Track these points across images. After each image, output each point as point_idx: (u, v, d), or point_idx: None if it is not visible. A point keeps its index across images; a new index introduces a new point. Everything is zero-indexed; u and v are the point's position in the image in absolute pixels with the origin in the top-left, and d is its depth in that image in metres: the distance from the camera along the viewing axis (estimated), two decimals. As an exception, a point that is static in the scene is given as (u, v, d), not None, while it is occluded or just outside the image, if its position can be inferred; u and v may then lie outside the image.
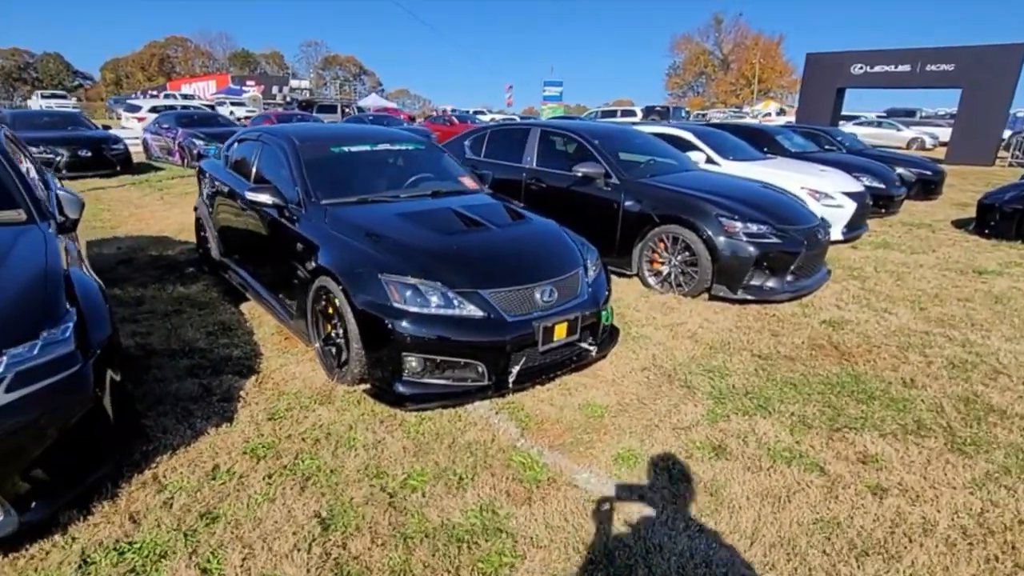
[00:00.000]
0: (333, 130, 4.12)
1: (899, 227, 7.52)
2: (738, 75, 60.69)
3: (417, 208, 3.38)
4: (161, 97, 30.67)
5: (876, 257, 5.90)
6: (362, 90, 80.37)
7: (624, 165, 5.15)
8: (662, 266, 4.64)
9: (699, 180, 5.08)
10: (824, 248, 4.69)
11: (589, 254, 3.45)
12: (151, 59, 76.06)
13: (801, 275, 4.48)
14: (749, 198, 4.66)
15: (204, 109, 15.67)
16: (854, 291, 4.77)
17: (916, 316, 4.21)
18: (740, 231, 4.24)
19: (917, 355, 3.51)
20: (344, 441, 2.52)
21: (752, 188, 5.09)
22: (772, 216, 4.41)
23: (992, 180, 12.70)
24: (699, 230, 4.35)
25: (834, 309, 4.32)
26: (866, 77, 17.64)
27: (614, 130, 5.99)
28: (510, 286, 2.82)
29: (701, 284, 4.40)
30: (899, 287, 4.90)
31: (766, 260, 4.24)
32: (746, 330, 3.88)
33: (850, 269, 5.42)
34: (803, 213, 4.71)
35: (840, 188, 6.32)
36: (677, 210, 4.51)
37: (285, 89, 45.48)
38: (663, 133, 7.43)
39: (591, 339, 3.20)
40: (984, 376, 3.23)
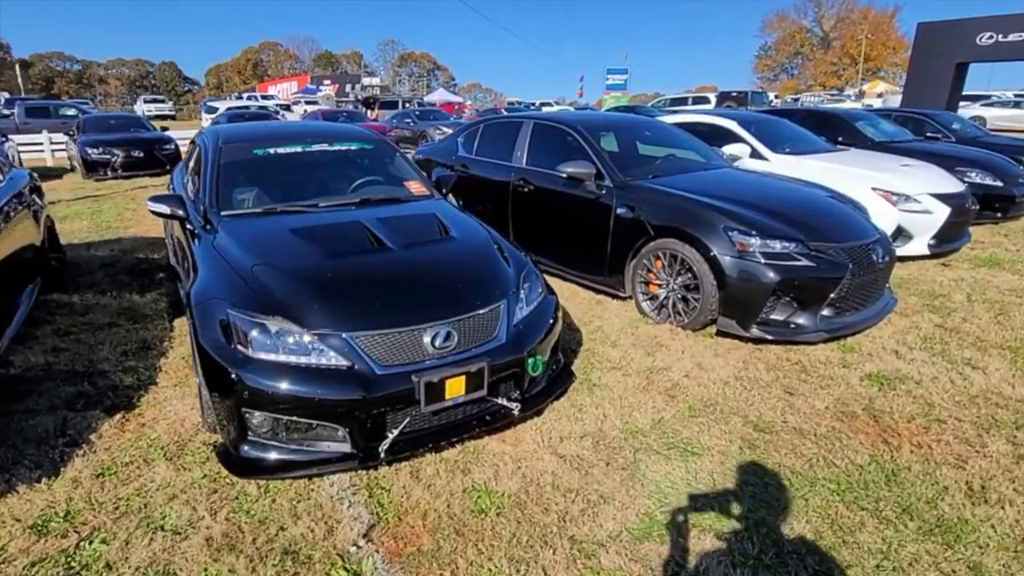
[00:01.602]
0: (265, 129, 3.67)
1: (1019, 236, 5.87)
2: (841, 53, 54.67)
3: (318, 222, 2.78)
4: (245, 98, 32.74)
5: (974, 280, 4.51)
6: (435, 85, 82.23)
7: (624, 163, 4.24)
8: (659, 289, 3.72)
9: (716, 182, 4.06)
10: (884, 272, 3.52)
11: (530, 281, 2.68)
12: (246, 63, 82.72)
13: (846, 308, 3.37)
14: (778, 206, 3.60)
15: (261, 109, 16.18)
16: (927, 330, 3.56)
17: (1016, 374, 2.99)
18: (756, 249, 3.24)
19: (1003, 442, 2.39)
20: (153, 519, 2.00)
21: (788, 192, 3.99)
22: (806, 230, 3.34)
23: None
24: (702, 246, 3.39)
25: (889, 357, 3.20)
26: (996, 48, 14.65)
27: (620, 121, 5.05)
28: (388, 328, 2.14)
29: (704, 315, 3.45)
30: (999, 326, 3.61)
31: (792, 288, 3.21)
32: (750, 384, 2.91)
33: (931, 297, 4.13)
34: (854, 226, 3.56)
35: (927, 188, 4.93)
36: (676, 220, 3.57)
37: (357, 87, 47.23)
38: (704, 123, 6.34)
39: (515, 393, 2.46)
40: (1113, 489, 2.09)
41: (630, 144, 4.70)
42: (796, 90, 50.12)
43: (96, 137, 10.25)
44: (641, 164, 4.38)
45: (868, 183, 4.96)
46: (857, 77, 47.35)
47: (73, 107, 16.51)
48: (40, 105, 16.12)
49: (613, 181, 3.97)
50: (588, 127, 4.41)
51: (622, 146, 4.62)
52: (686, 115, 6.76)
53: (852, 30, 52.63)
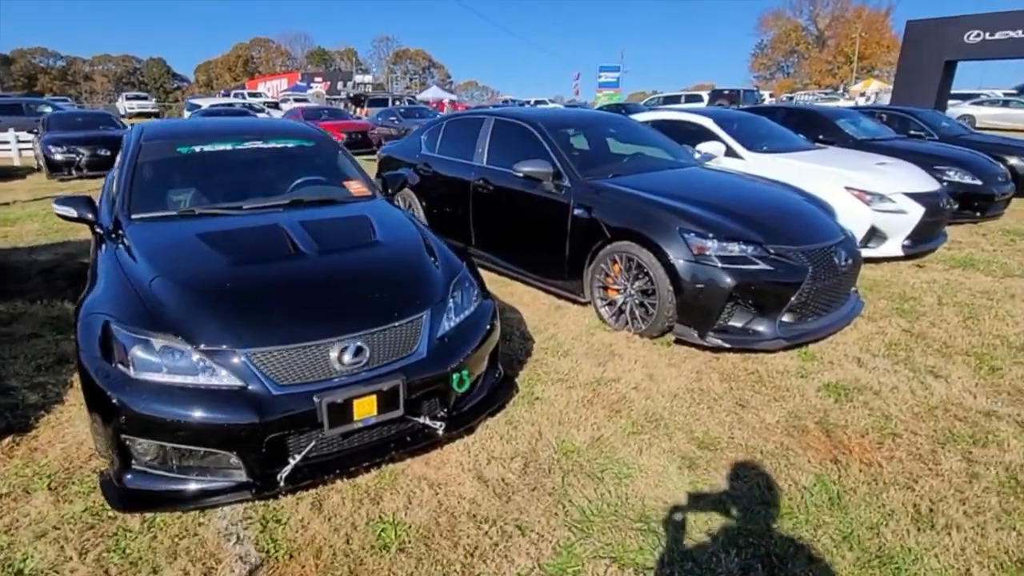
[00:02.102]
0: (193, 125, 3.49)
1: (997, 236, 5.75)
2: (836, 52, 54.71)
3: (232, 227, 2.61)
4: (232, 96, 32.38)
5: (947, 282, 4.37)
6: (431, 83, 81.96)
7: (585, 161, 4.09)
8: (617, 295, 3.57)
9: (679, 181, 3.91)
10: (848, 276, 3.37)
11: (461, 289, 2.53)
12: (237, 60, 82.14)
13: (808, 314, 3.23)
14: (739, 207, 3.46)
15: (245, 107, 15.93)
16: (893, 336, 3.42)
17: (979, 383, 2.85)
18: (713, 252, 3.09)
19: (957, 459, 2.24)
20: (13, 561, 1.82)
21: (752, 192, 3.84)
22: (766, 231, 3.19)
23: None
24: (657, 249, 3.24)
25: (851, 365, 3.05)
26: (984, 46, 14.56)
27: (586, 118, 4.89)
28: (289, 343, 1.98)
29: (661, 322, 3.30)
30: (966, 331, 3.47)
31: (749, 294, 3.06)
32: (700, 396, 2.76)
33: (901, 300, 4.00)
34: (817, 227, 3.41)
35: (901, 188, 4.79)
36: (632, 222, 3.42)
37: (349, 84, 46.84)
38: (681, 120, 6.20)
39: (441, 411, 2.30)
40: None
41: (594, 142, 4.54)
42: (792, 88, 50.13)
43: (60, 135, 10.00)
44: (603, 163, 4.22)
45: (842, 182, 4.82)
46: (851, 76, 47.33)
47: (50, 104, 16.20)
48: (13, 103, 15.79)
49: (571, 181, 3.82)
50: (549, 124, 4.25)
51: (586, 144, 4.46)
52: (663, 112, 6.62)
53: (846, 29, 52.64)
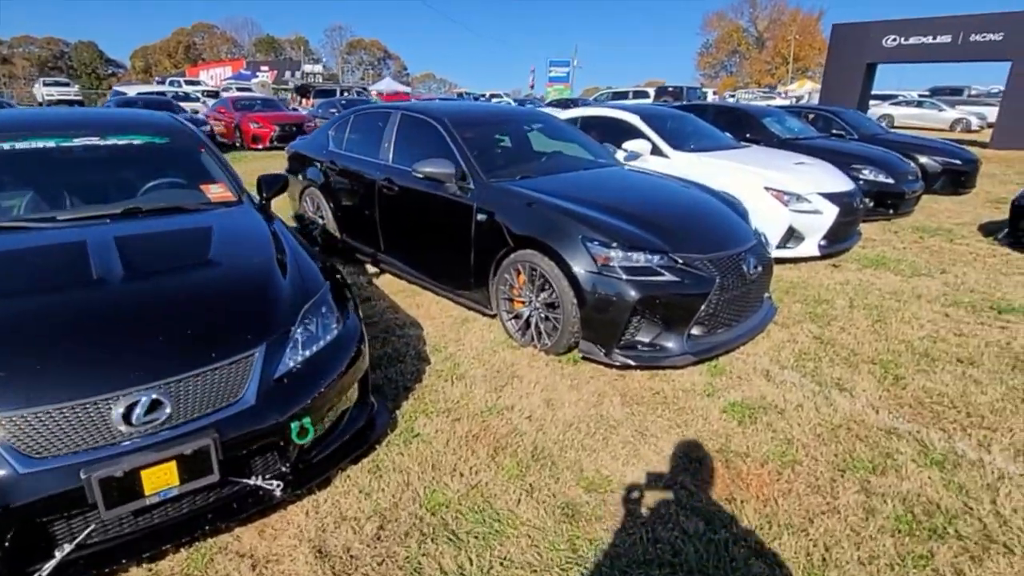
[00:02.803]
0: (12, 117, 2.95)
1: (908, 234, 5.89)
2: (774, 53, 57.13)
3: (24, 245, 2.12)
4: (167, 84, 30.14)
5: (859, 282, 4.37)
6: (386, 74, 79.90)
7: (493, 161, 3.79)
8: (523, 307, 3.29)
9: (591, 183, 3.68)
10: (759, 283, 3.23)
11: (316, 315, 2.16)
12: (177, 46, 77.57)
13: (717, 326, 3.06)
14: (649, 212, 3.25)
15: (182, 95, 14.62)
16: (804, 344, 3.32)
17: (883, 396, 2.76)
18: (616, 263, 2.85)
19: (855, 491, 2.09)
20: None
21: (665, 196, 3.65)
22: (674, 239, 2.99)
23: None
24: (559, 259, 2.98)
25: (759, 380, 2.90)
26: (900, 50, 15.38)
27: (499, 114, 4.60)
28: (54, 402, 1.55)
29: (566, 338, 3.04)
30: (874, 335, 3.42)
31: (655, 307, 2.85)
32: (598, 425, 2.52)
33: (815, 303, 3.93)
34: (727, 233, 3.25)
35: (817, 187, 4.77)
36: (534, 229, 3.14)
37: (298, 74, 44.86)
38: (608, 117, 6.01)
39: (283, 466, 1.94)
40: (965, 548, 1.82)
41: (508, 140, 4.24)
42: (735, 87, 51.86)
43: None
44: (514, 163, 3.92)
45: (762, 182, 4.75)
46: (788, 76, 49.48)
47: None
48: None
49: (475, 182, 3.51)
50: (456, 121, 3.91)
51: (499, 142, 4.16)
52: (593, 109, 6.42)
53: (783, 31, 55.02)
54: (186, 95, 22.39)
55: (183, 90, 24.44)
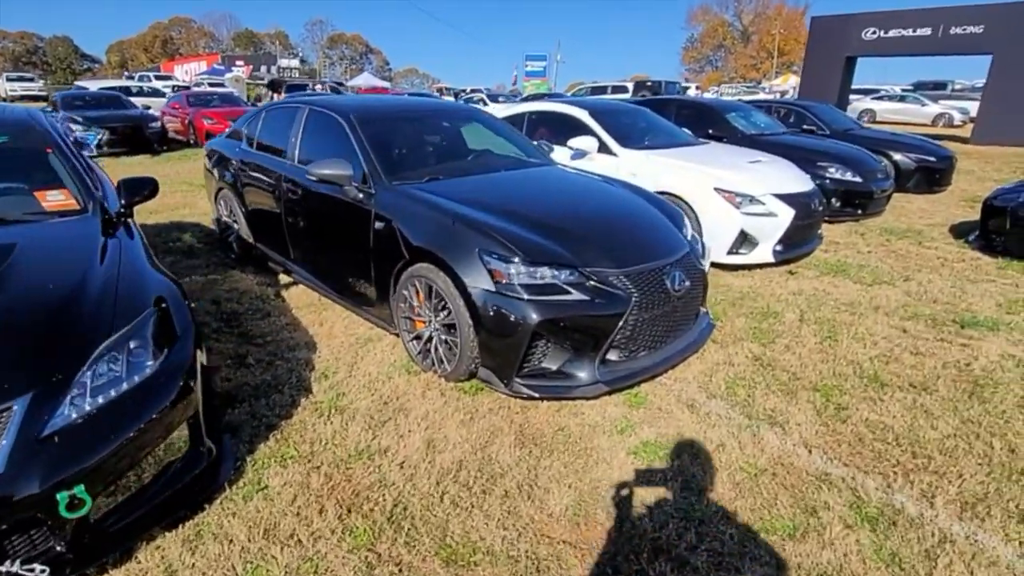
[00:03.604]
0: None
1: (875, 236, 5.56)
2: (759, 48, 56.98)
3: None
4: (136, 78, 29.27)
5: (814, 292, 4.02)
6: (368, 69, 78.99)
7: (403, 162, 3.39)
8: (424, 327, 2.90)
9: (507, 187, 3.28)
10: (688, 300, 2.85)
11: (121, 351, 1.76)
12: (154, 40, 76.39)
13: (639, 348, 2.69)
14: (564, 220, 2.86)
15: (110, 91, 13.91)
16: (741, 366, 2.95)
17: (819, 432, 2.40)
18: (516, 279, 2.47)
19: (762, 560, 1.73)
20: None
21: (587, 200, 3.27)
22: (588, 251, 2.60)
23: (1023, 166, 10.44)
24: (453, 275, 2.59)
25: (681, 413, 2.54)
26: (879, 43, 15.11)
27: (420, 108, 4.16)
28: None
29: (465, 364, 2.66)
30: (820, 355, 3.06)
31: (560, 331, 2.47)
32: (479, 473, 2.14)
33: (762, 317, 3.58)
34: (653, 243, 2.86)
35: (771, 188, 4.41)
36: (429, 239, 2.75)
37: (274, 68, 44.01)
38: (556, 112, 5.63)
39: (56, 544, 1.55)
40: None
41: (425, 138, 3.83)
42: (719, 81, 51.68)
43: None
44: (426, 163, 3.52)
45: (712, 182, 4.39)
46: (772, 71, 49.35)
47: None
48: None
49: (376, 185, 3.11)
50: (364, 116, 3.49)
51: (412, 141, 3.74)
52: (541, 104, 6.02)
53: (768, 25, 54.83)
54: (154, 90, 21.73)
55: (150, 85, 23.72)
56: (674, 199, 4.50)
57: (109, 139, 10.88)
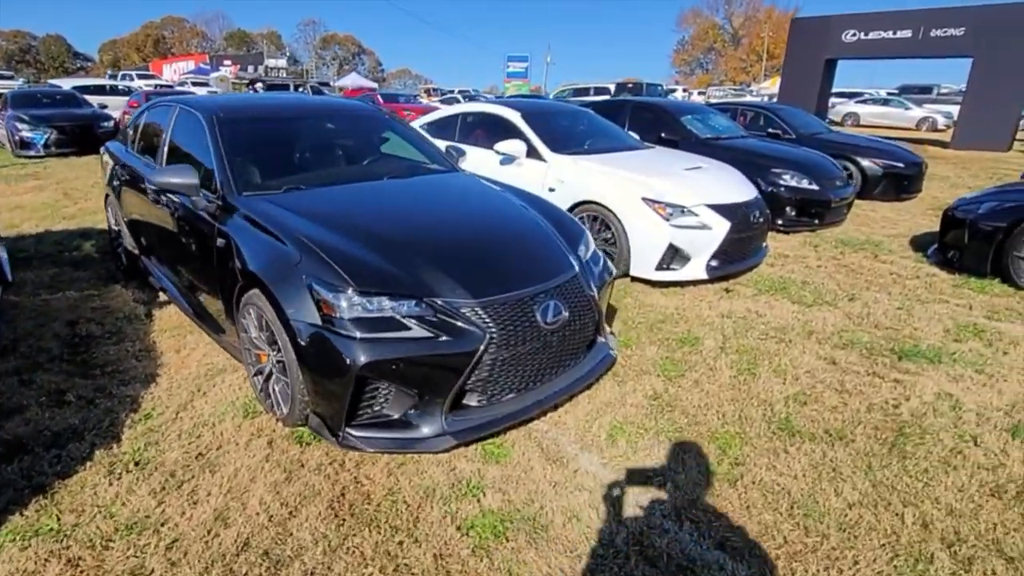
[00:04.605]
0: None
1: (829, 248, 5.19)
2: (749, 50, 56.85)
3: None
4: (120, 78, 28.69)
5: (745, 315, 3.63)
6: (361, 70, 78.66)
7: (263, 169, 2.97)
8: (266, 362, 2.49)
9: (371, 199, 2.86)
10: (567, 333, 2.42)
11: None
12: (146, 39, 76.03)
13: (504, 391, 2.28)
14: (424, 239, 2.46)
15: (68, 91, 13.41)
16: (635, 408, 2.55)
17: (700, 498, 1.99)
18: (345, 312, 2.06)
19: None
20: None
21: (463, 214, 2.88)
22: (440, 277, 2.19)
23: (1001, 171, 10.14)
24: (278, 306, 2.19)
25: (544, 469, 2.13)
26: (860, 45, 14.80)
27: (302, 108, 3.72)
28: None
29: (298, 407, 2.24)
30: (732, 394, 2.67)
31: (397, 374, 2.07)
32: (262, 558, 1.73)
33: (676, 346, 3.18)
34: (525, 266, 2.43)
35: (706, 198, 4.02)
36: (258, 262, 2.35)
37: (261, 68, 43.56)
38: (487, 113, 5.25)
39: None
40: None
41: (301, 142, 3.40)
42: (710, 84, 51.50)
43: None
44: (290, 171, 3.10)
45: (640, 191, 4.00)
46: (761, 74, 49.21)
47: None
48: None
49: (226, 196, 2.69)
50: (227, 116, 3.08)
51: (287, 144, 3.32)
52: (473, 105, 5.62)
53: (758, 28, 54.72)
54: (128, 90, 21.23)
55: (126, 84, 23.20)
56: (600, 209, 4.12)
57: (57, 139, 10.46)
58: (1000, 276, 4.17)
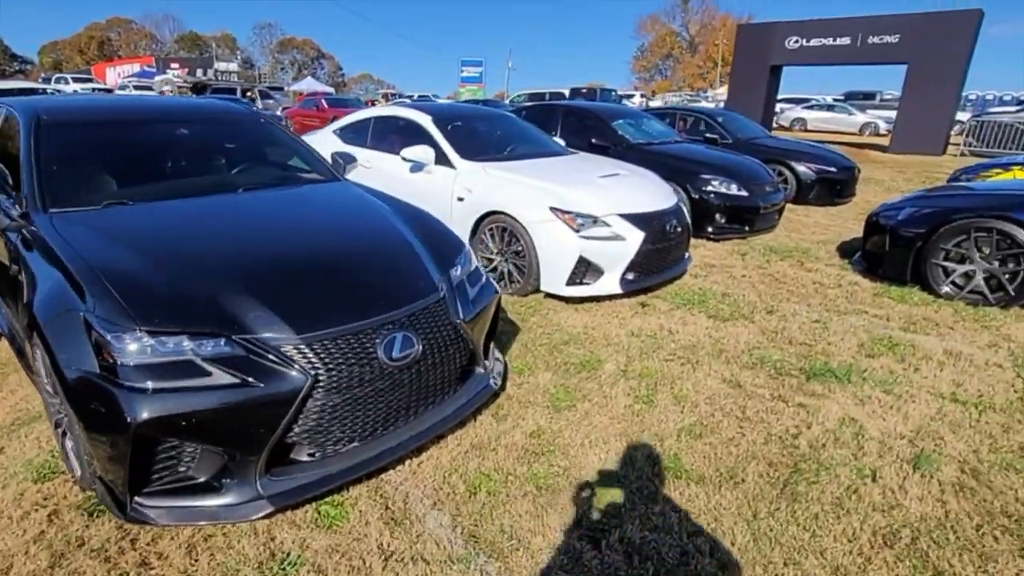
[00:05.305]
0: None
1: (757, 256, 5.05)
2: (705, 57, 58.23)
3: None
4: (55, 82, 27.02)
5: (655, 332, 3.38)
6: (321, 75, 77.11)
7: (80, 181, 2.55)
8: (63, 414, 2.08)
9: (205, 217, 2.45)
10: (436, 364, 2.13)
11: None
12: (90, 41, 72.71)
13: (342, 440, 1.94)
14: (256, 266, 2.09)
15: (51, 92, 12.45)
16: (510, 449, 2.24)
17: (550, 571, 1.71)
18: (128, 357, 1.67)
19: None
20: None
21: (325, 232, 2.50)
22: (263, 310, 1.84)
23: (935, 175, 10.41)
24: (49, 349, 1.80)
25: (380, 536, 1.78)
26: (802, 52, 15.12)
27: (152, 109, 3.25)
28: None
29: (88, 470, 1.85)
30: (623, 428, 2.40)
31: (195, 430, 1.70)
32: None
33: (575, 371, 2.90)
34: (372, 294, 2.07)
35: (620, 207, 3.78)
36: (36, 297, 1.94)
37: (211, 72, 42.01)
38: (397, 117, 4.91)
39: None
40: None
41: (137, 149, 2.93)
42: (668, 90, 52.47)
43: None
44: (119, 183, 2.66)
45: (548, 201, 3.73)
46: (717, 80, 50.43)
47: None
48: None
49: (33, 213, 2.27)
50: (52, 119, 2.66)
51: (114, 152, 2.84)
52: (385, 108, 5.27)
53: (713, 35, 56.13)
54: (33, 90, 19.98)
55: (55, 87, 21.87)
56: (508, 220, 3.84)
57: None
58: (920, 284, 4.08)
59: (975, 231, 3.82)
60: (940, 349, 3.14)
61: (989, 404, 2.59)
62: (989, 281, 3.85)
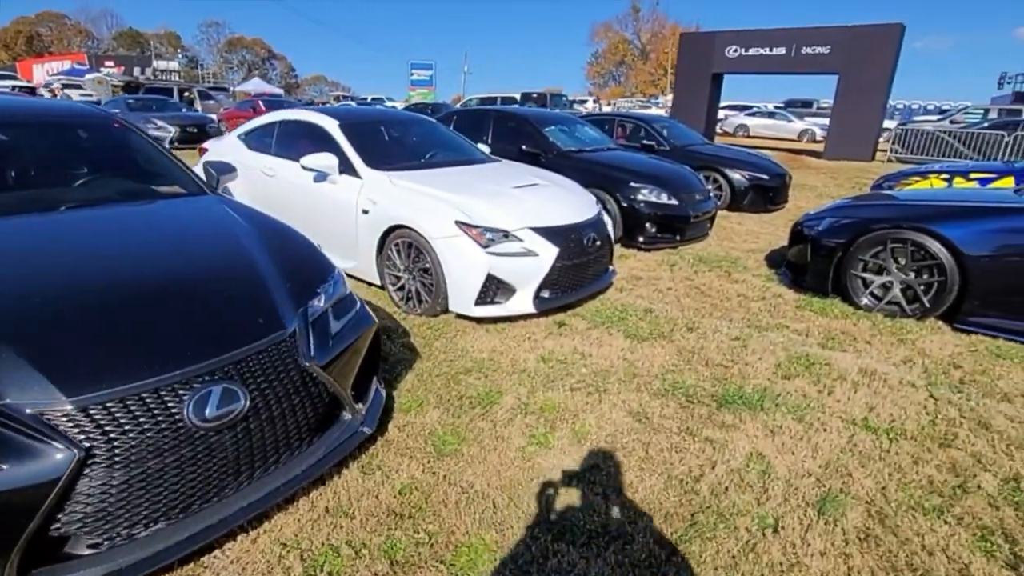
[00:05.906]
0: None
1: (686, 266, 4.92)
2: (656, 65, 59.72)
3: None
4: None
5: (566, 357, 3.13)
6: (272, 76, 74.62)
7: None
8: None
9: (38, 242, 2.06)
10: (273, 419, 1.79)
11: None
12: (17, 36, 67.81)
13: (131, 526, 1.57)
14: (26, 302, 1.69)
15: None
16: (366, 514, 1.92)
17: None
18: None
19: None
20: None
21: (155, 260, 2.09)
22: (29, 368, 1.47)
23: (863, 181, 10.75)
24: None
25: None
26: (741, 61, 15.51)
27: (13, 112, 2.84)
28: None
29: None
30: (509, 479, 2.12)
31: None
32: None
33: (470, 406, 2.60)
34: (185, 338, 1.71)
35: (533, 220, 3.53)
36: None
37: (148, 70, 39.79)
38: (303, 121, 4.51)
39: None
40: None
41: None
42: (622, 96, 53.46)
43: None
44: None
45: (453, 215, 3.43)
46: (668, 86, 51.76)
47: None
48: None
49: None
50: None
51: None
52: (290, 112, 4.84)
53: (664, 44, 57.65)
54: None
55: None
56: (413, 235, 3.52)
57: None
58: (841, 295, 4.02)
59: (891, 242, 3.78)
60: (856, 368, 3.03)
61: (900, 431, 2.46)
62: (906, 292, 3.81)
